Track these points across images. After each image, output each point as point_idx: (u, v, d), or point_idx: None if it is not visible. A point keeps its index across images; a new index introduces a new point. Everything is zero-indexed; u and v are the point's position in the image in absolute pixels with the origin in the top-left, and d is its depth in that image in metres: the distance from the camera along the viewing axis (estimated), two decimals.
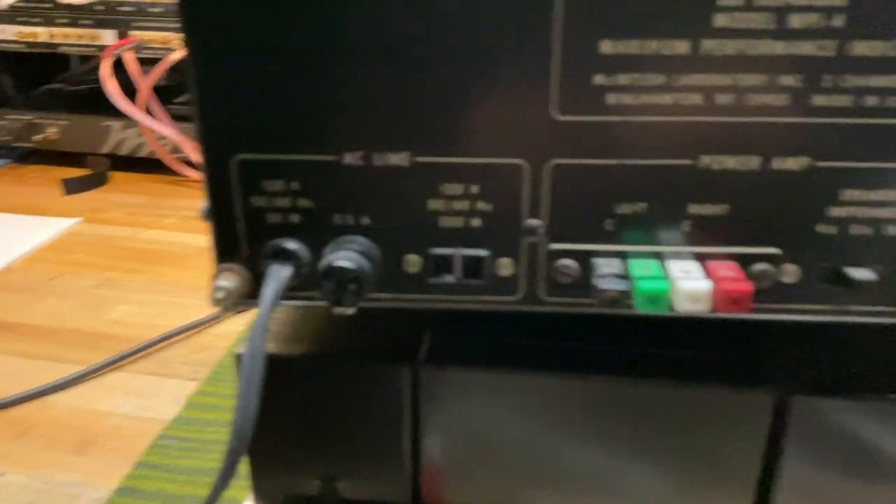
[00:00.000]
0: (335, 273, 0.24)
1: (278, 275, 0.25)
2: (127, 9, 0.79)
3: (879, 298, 0.24)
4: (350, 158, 0.24)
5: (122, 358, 0.52)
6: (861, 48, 0.22)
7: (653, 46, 0.22)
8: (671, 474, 0.29)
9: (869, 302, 0.25)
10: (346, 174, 0.24)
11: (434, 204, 0.24)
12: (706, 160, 0.23)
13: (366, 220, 0.25)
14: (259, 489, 0.31)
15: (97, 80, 0.75)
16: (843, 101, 0.22)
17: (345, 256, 0.24)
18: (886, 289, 0.24)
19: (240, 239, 0.25)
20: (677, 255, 0.24)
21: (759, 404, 0.27)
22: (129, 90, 0.75)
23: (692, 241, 0.24)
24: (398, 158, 0.24)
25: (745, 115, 0.23)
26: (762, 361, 0.28)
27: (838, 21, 0.21)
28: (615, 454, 0.29)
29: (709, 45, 0.22)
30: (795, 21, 0.21)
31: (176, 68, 0.74)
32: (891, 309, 0.25)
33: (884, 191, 0.23)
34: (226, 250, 0.25)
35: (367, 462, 0.30)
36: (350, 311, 0.25)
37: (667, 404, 0.28)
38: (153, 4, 0.79)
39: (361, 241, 0.25)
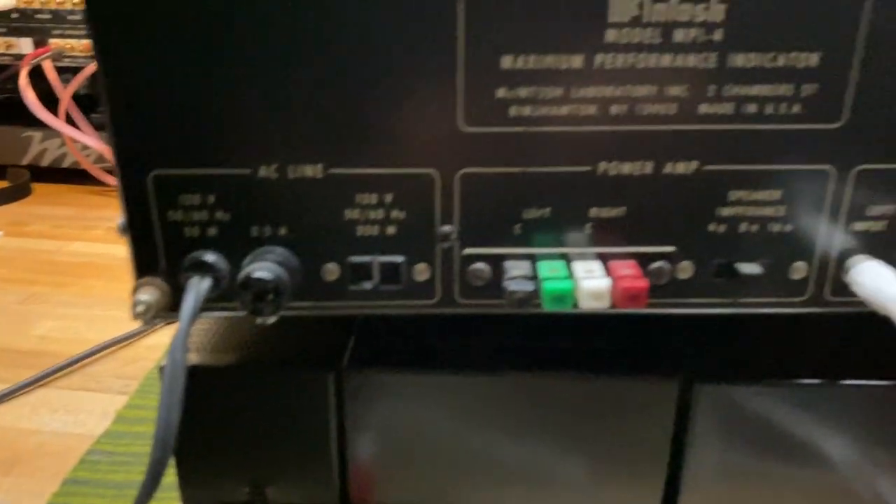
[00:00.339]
0: (253, 284, 0.25)
1: (198, 287, 0.25)
2: (44, 17, 0.77)
3: (767, 290, 0.26)
4: (265, 171, 0.25)
5: (49, 374, 0.51)
6: (739, 60, 0.23)
7: (549, 61, 0.23)
8: (588, 463, 0.30)
9: (758, 294, 0.26)
10: (262, 187, 0.25)
11: (350, 213, 0.25)
12: (604, 166, 0.25)
13: (283, 231, 0.26)
14: (188, 498, 0.31)
15: (15, 90, 0.73)
16: (727, 108, 0.24)
17: (263, 267, 0.25)
18: (773, 281, 0.26)
19: (158, 253, 0.26)
20: (581, 256, 0.26)
21: (665, 393, 0.29)
22: (50, 100, 0.73)
23: (594, 242, 0.26)
24: (312, 170, 0.25)
25: (638, 123, 0.24)
26: (667, 352, 0.30)
27: (718, 35, 0.23)
28: (535, 447, 0.30)
29: (601, 58, 0.23)
30: (680, 35, 0.23)
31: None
32: (778, 300, 0.27)
33: (766, 191, 0.25)
34: (145, 264, 0.26)
35: (295, 467, 0.30)
36: (270, 320, 0.26)
37: (580, 396, 0.29)
38: (72, 12, 0.77)
39: (280, 252, 0.26)
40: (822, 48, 0.23)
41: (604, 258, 0.26)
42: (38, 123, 0.73)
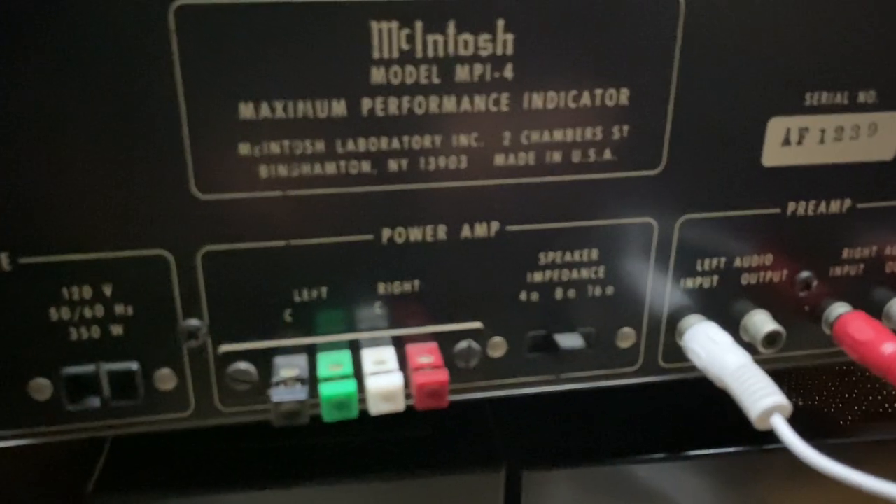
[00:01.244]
0: None
1: None
2: None
3: (593, 362, 0.23)
4: None
5: None
6: (537, 100, 0.19)
7: (303, 108, 0.18)
8: None
9: (583, 367, 0.23)
10: None
11: (58, 313, 0.19)
12: (388, 234, 0.20)
13: None
14: None
15: None
16: (526, 159, 0.20)
17: None
18: (598, 351, 0.22)
19: None
20: (373, 342, 0.21)
21: (491, 483, 0.25)
22: None
23: (387, 323, 0.21)
24: None
25: (423, 181, 0.19)
26: (493, 438, 0.25)
27: (509, 72, 0.19)
28: None
29: (370, 104, 0.18)
30: (463, 73, 0.19)
31: None
32: (606, 371, 0.23)
33: (582, 251, 0.21)
34: None
35: None
36: None
37: (398, 497, 0.24)
38: None
39: None
40: (633, 83, 0.20)
41: (399, 343, 0.21)
42: None
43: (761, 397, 0.19)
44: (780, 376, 0.28)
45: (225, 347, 0.20)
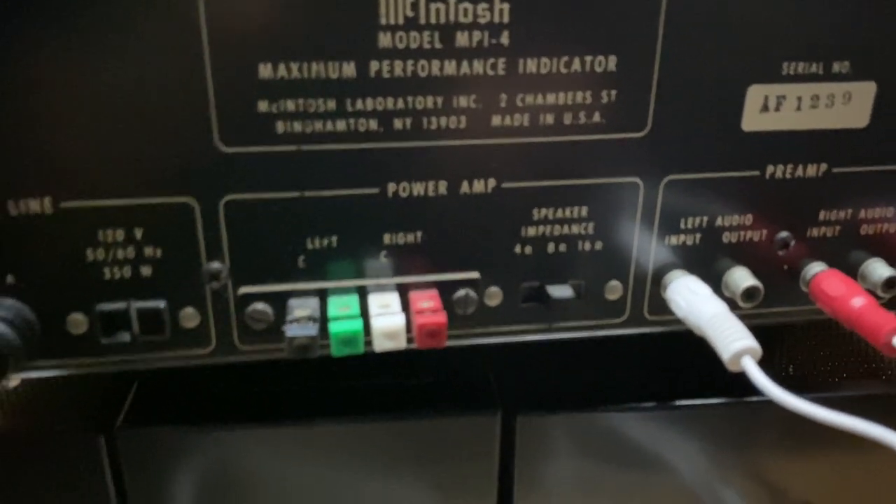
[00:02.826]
0: None
1: None
2: None
3: (582, 312, 0.24)
4: None
5: None
6: (531, 65, 0.21)
7: (317, 69, 0.20)
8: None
9: (573, 317, 0.24)
10: None
11: (93, 254, 0.21)
12: (393, 188, 0.22)
13: (11, 280, 0.21)
14: None
15: None
16: (521, 120, 0.21)
17: None
18: (588, 302, 0.24)
19: None
20: (379, 288, 0.23)
21: (487, 426, 0.26)
22: None
23: (391, 271, 0.23)
24: (38, 205, 0.20)
25: (426, 139, 0.21)
26: (489, 385, 0.27)
27: (505, 38, 0.21)
28: (357, 495, 0.27)
29: (377, 66, 0.20)
30: (463, 39, 0.20)
31: None
32: (595, 322, 0.25)
33: (573, 207, 0.23)
34: None
35: None
36: (11, 384, 0.21)
37: (400, 437, 0.26)
38: None
39: (9, 305, 0.21)
40: (620, 50, 0.21)
41: (402, 289, 0.23)
42: None
43: (733, 340, 0.21)
44: (772, 345, 0.30)
45: (244, 289, 0.22)
